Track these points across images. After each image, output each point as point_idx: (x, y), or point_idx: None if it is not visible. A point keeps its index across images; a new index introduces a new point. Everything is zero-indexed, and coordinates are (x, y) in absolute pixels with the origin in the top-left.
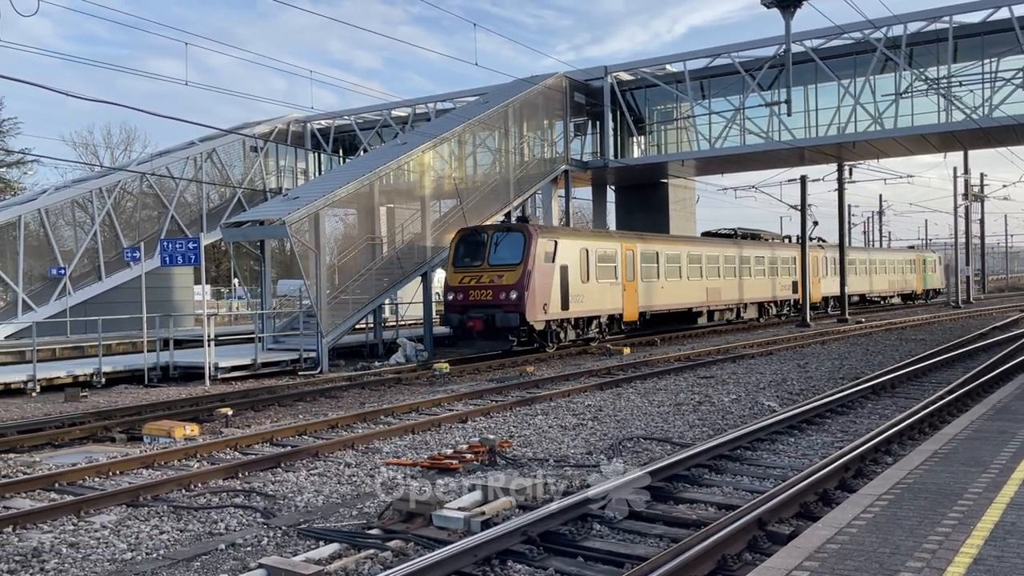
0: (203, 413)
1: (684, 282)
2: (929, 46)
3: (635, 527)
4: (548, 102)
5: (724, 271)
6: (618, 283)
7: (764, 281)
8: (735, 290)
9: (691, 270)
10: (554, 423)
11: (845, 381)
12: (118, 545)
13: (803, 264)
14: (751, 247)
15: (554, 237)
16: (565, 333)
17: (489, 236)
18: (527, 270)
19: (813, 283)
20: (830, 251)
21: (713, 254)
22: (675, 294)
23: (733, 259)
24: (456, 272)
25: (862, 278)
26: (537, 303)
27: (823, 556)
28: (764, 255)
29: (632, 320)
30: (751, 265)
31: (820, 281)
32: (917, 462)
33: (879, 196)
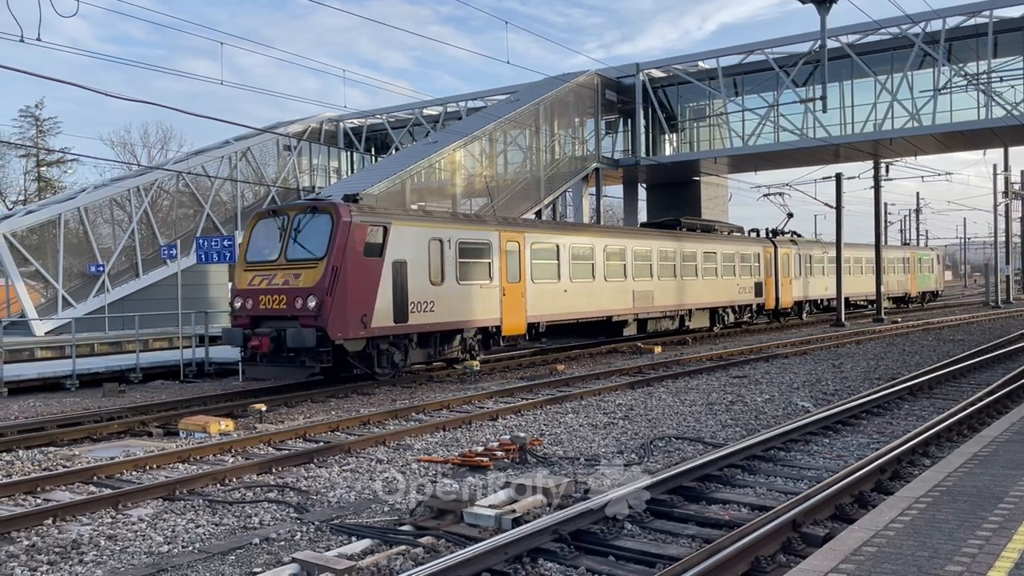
0: (237, 409)
1: (599, 284)
2: (968, 41)
3: (667, 527)
4: (579, 100)
5: (661, 270)
6: (494, 285)
7: (718, 283)
8: (676, 293)
9: (611, 269)
10: (585, 422)
11: (881, 381)
12: (155, 538)
13: (838, 264)
14: (699, 241)
15: (383, 221)
16: (405, 354)
17: (290, 220)
18: (332, 267)
19: (783, 284)
20: (804, 247)
21: (643, 249)
22: (585, 299)
23: (672, 256)
24: (247, 271)
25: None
26: (350, 313)
27: (859, 559)
28: (717, 251)
29: (516, 333)
30: (699, 263)
31: (791, 283)
32: (956, 464)
33: (916, 194)
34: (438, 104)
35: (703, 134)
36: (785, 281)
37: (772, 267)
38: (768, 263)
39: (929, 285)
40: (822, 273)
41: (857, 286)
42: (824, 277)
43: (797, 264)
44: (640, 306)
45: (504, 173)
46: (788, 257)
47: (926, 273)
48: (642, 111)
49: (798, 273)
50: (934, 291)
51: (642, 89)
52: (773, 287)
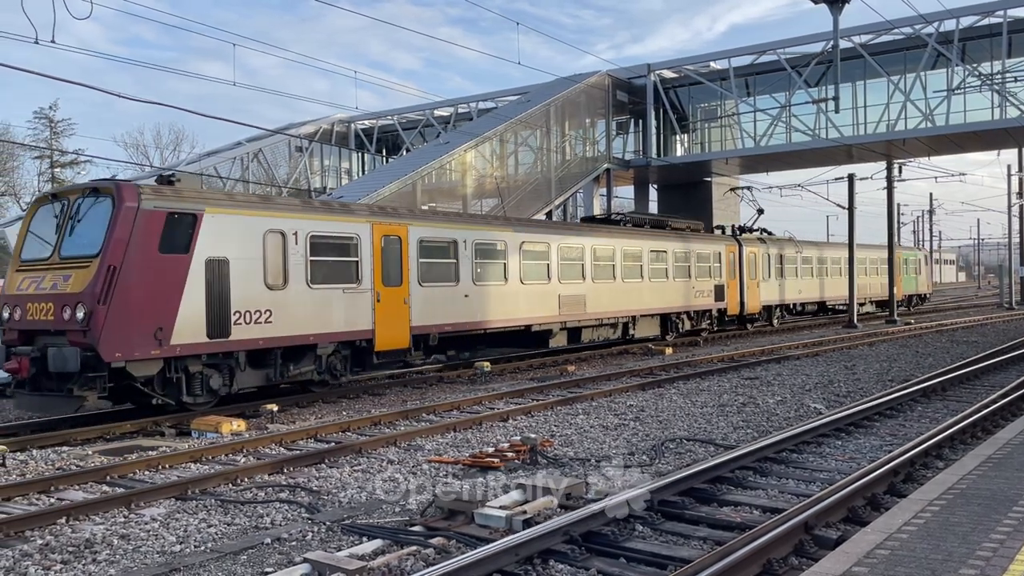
0: (249, 409)
1: (514, 287)
2: (982, 41)
3: (678, 528)
4: (590, 100)
5: (596, 271)
6: (363, 290)
7: (670, 285)
8: (616, 298)
9: (529, 270)
10: (595, 423)
11: (894, 383)
12: (167, 537)
13: (851, 265)
14: (646, 238)
15: (192, 208)
16: (229, 377)
17: (69, 205)
18: (108, 266)
19: (749, 287)
20: (774, 246)
21: (572, 246)
22: (495, 305)
23: (611, 254)
24: (19, 271)
25: (814, 281)
26: (135, 327)
27: (872, 562)
28: (668, 249)
29: (395, 348)
30: (645, 263)
31: (759, 285)
32: (970, 467)
33: (929, 195)
34: (449, 105)
35: (714, 134)
36: (752, 284)
37: (736, 268)
38: (732, 264)
39: (915, 287)
40: (795, 275)
41: (836, 288)
42: (798, 279)
43: (766, 265)
44: (569, 313)
45: (515, 174)
46: (755, 257)
47: (912, 275)
48: (653, 112)
49: (767, 275)
50: (921, 294)
51: (653, 90)
52: (737, 290)
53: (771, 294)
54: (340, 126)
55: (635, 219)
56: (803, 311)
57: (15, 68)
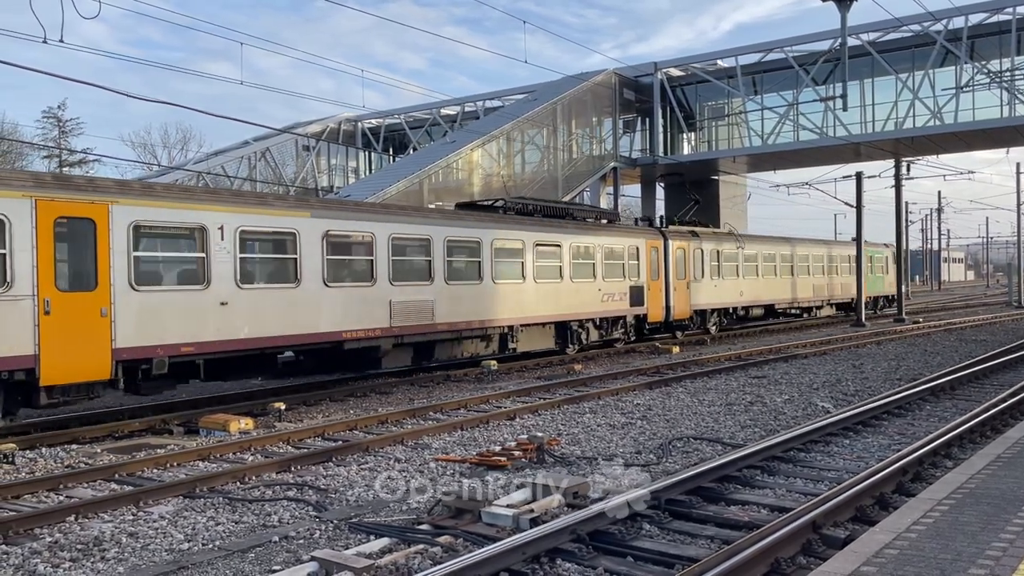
0: (257, 407)
1: (311, 291)
2: (991, 38)
3: (685, 528)
4: (597, 99)
5: (451, 270)
6: (18, 298)
7: (567, 288)
8: (484, 303)
9: (338, 268)
10: (602, 421)
11: (902, 382)
12: (175, 535)
13: (859, 264)
14: (530, 229)
15: None
16: None
17: None
18: None
19: (676, 289)
20: (710, 241)
21: (413, 236)
22: (275, 315)
23: (474, 248)
24: None
25: (760, 282)
26: None
27: (881, 561)
28: (564, 243)
29: (83, 381)
30: (528, 260)
31: (689, 286)
32: (979, 466)
33: (938, 193)
34: (455, 104)
35: (721, 133)
36: (680, 285)
37: (660, 266)
38: (654, 261)
39: (881, 289)
40: (736, 274)
41: (786, 291)
42: (740, 279)
43: (699, 263)
44: (407, 324)
45: (521, 172)
46: (685, 253)
47: (877, 274)
48: (660, 110)
49: (700, 274)
50: (888, 296)
51: (660, 88)
52: (661, 292)
53: (706, 297)
54: (347, 125)
55: (516, 205)
56: (747, 316)
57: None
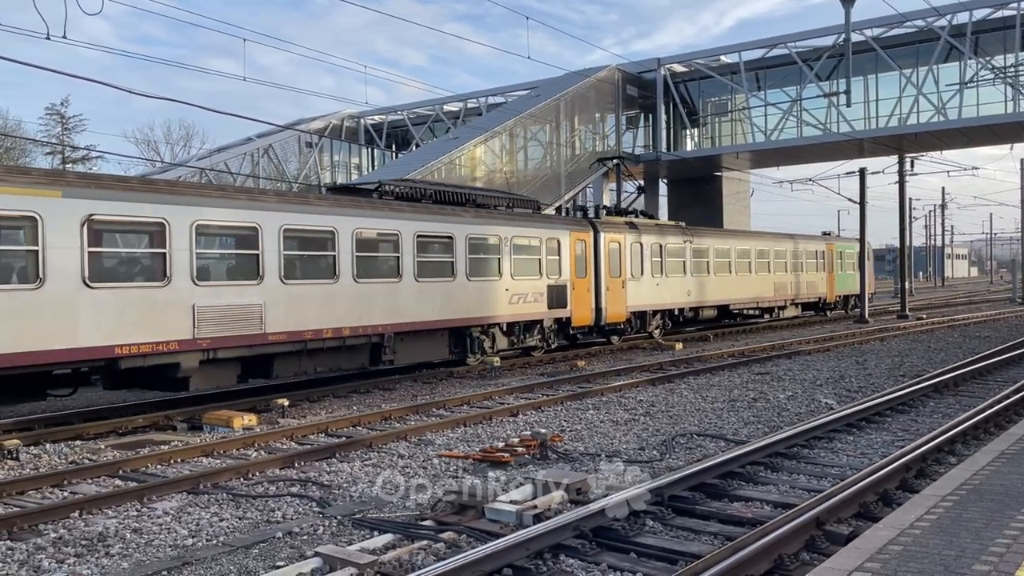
0: (260, 403)
1: (75, 294)
2: (995, 34)
3: (689, 524)
4: (600, 95)
5: (288, 266)
6: None
7: (461, 287)
8: (342, 306)
9: (104, 264)
10: (605, 418)
11: (906, 379)
12: (179, 531)
13: (862, 260)
14: (407, 217)
15: None
16: None
17: None
18: None
19: (610, 288)
20: (651, 234)
21: (238, 224)
22: (43, 324)
23: (326, 240)
24: None
25: (713, 279)
26: None
27: (885, 557)
28: (456, 235)
29: None
30: (406, 255)
31: (625, 285)
32: (983, 463)
33: (942, 189)
34: (458, 100)
35: (724, 129)
36: (615, 283)
37: (588, 262)
38: (580, 257)
39: (853, 287)
40: (683, 271)
41: (745, 289)
42: (688, 277)
43: (637, 258)
44: (218, 335)
45: (524, 169)
46: (621, 248)
47: (849, 271)
48: (663, 106)
49: (639, 271)
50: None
51: (663, 84)
52: (591, 292)
53: (647, 297)
54: (350, 121)
55: (398, 189)
56: (696, 318)
57: (30, 65)
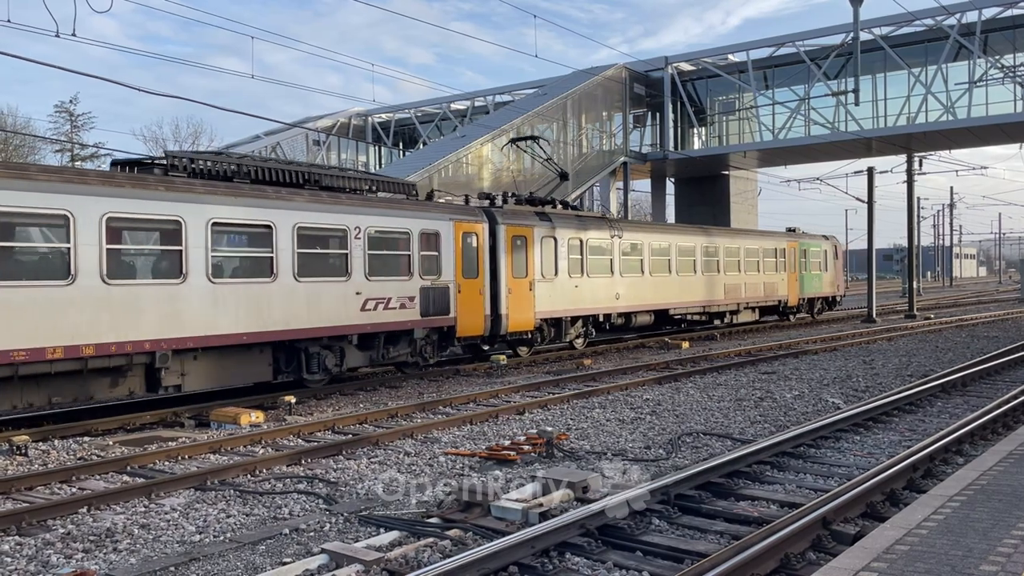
0: (267, 400)
1: None
2: (1005, 32)
3: (695, 523)
4: (607, 94)
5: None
6: None
7: (288, 290)
8: (72, 318)
9: None
10: (612, 416)
11: (913, 378)
12: (187, 527)
13: (870, 262)
14: (197, 200)
15: None
16: None
17: None
18: None
19: (513, 291)
20: (568, 226)
21: None
22: None
23: (60, 228)
24: None
25: (654, 280)
26: None
27: (892, 557)
28: (278, 224)
29: None
30: (191, 248)
31: (534, 287)
32: (990, 463)
33: (950, 188)
34: (465, 99)
35: (732, 128)
36: (519, 285)
37: (481, 259)
38: (471, 253)
39: (819, 288)
40: (610, 271)
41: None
42: (616, 277)
43: (549, 255)
44: None
45: (531, 167)
46: (528, 242)
47: (815, 272)
48: (670, 105)
49: (553, 270)
50: (828, 297)
51: (670, 82)
52: (483, 295)
53: (563, 300)
54: (357, 120)
55: (201, 166)
56: (628, 325)
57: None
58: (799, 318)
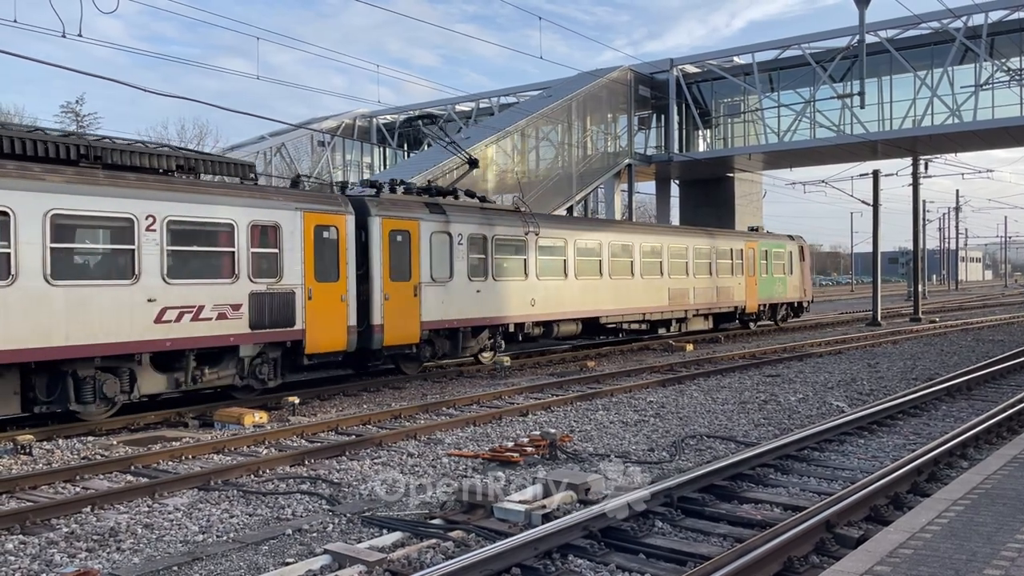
0: (271, 401)
1: None
2: (1011, 35)
3: (698, 525)
4: (612, 96)
5: None
6: None
7: (35, 297)
8: None
9: None
10: (615, 419)
11: (918, 382)
12: (190, 527)
13: (875, 265)
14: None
15: None
16: None
17: None
18: None
19: (392, 297)
20: (468, 220)
21: None
22: None
23: None
24: None
25: (581, 283)
26: None
27: (895, 561)
28: (20, 211)
29: None
30: None
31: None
32: (995, 467)
33: (956, 192)
34: (470, 100)
35: (737, 130)
36: (399, 290)
37: (342, 259)
38: (328, 250)
39: (783, 293)
40: (523, 273)
41: (611, 297)
42: (530, 281)
43: (442, 254)
44: None
45: (536, 169)
46: (412, 239)
47: (777, 275)
48: (675, 107)
49: (446, 272)
50: (793, 302)
51: (676, 84)
52: (347, 303)
53: (459, 307)
54: (362, 121)
55: None
56: (549, 334)
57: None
58: (761, 326)
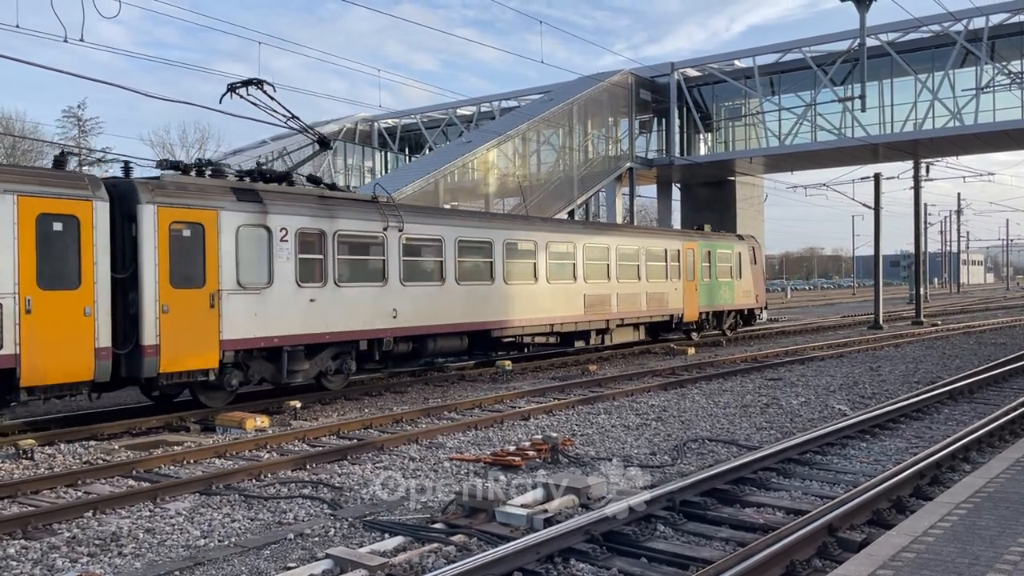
0: (273, 405)
1: None
2: (1012, 38)
3: (700, 529)
4: (613, 99)
5: None
6: None
7: None
8: None
9: None
10: (617, 422)
11: (920, 385)
12: (192, 532)
13: (876, 269)
14: None
15: None
16: None
17: None
18: None
19: (173, 310)
20: (300, 212)
21: None
22: None
23: None
24: None
25: (473, 290)
26: None
27: (898, 565)
28: None
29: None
30: None
31: (218, 302)
32: (998, 470)
33: (957, 195)
34: (471, 104)
35: (738, 133)
36: (188, 302)
37: (94, 261)
38: (63, 251)
39: (730, 299)
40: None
41: (528, 305)
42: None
43: (254, 254)
44: None
45: (537, 173)
46: (208, 235)
47: (722, 279)
48: (677, 110)
49: (263, 277)
50: (743, 310)
51: (677, 88)
52: (91, 316)
53: (284, 321)
54: (363, 125)
55: None
56: (420, 351)
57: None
58: (705, 335)
